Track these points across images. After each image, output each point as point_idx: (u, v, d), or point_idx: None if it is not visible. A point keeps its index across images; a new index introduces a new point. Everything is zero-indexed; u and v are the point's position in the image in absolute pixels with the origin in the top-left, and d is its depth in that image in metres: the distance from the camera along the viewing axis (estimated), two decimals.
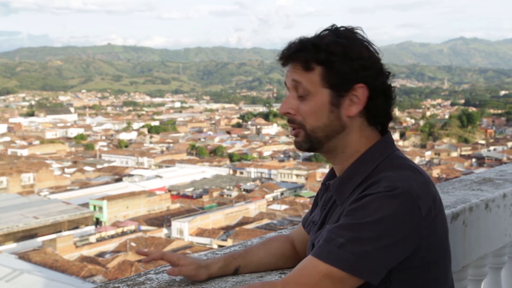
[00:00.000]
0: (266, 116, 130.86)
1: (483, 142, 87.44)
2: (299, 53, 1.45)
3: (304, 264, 1.36)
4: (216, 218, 43.07)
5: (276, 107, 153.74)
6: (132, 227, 42.79)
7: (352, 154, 1.48)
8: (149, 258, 1.65)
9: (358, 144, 1.48)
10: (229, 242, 35.66)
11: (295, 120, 1.47)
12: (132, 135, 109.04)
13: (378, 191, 1.34)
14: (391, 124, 1.54)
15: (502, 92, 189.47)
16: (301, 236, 1.76)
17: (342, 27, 1.48)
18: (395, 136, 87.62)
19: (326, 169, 60.05)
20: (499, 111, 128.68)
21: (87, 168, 70.22)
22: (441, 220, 1.44)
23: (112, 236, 40.46)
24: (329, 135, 1.46)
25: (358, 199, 1.37)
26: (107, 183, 59.16)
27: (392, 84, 1.49)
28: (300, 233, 1.76)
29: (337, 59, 1.42)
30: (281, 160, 76.01)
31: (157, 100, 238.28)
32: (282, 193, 55.50)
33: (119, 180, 61.37)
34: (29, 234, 39.49)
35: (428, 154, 78.11)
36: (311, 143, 1.48)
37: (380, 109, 1.47)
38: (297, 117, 1.47)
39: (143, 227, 42.50)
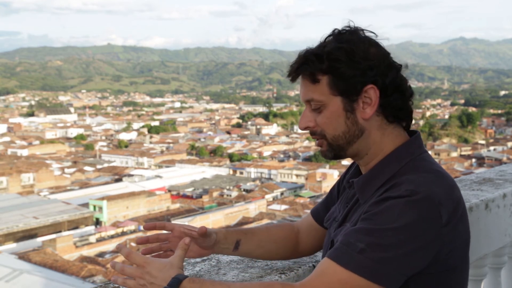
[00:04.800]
0: (266, 116, 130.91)
1: (483, 142, 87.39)
2: (304, 67, 1.44)
3: (323, 268, 1.33)
4: (216, 218, 43.08)
5: (276, 107, 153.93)
6: (132, 227, 42.79)
7: (376, 154, 1.47)
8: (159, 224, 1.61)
9: (381, 144, 1.47)
10: None
11: (316, 132, 1.48)
12: (132, 135, 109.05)
13: (399, 194, 1.32)
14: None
15: (502, 92, 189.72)
16: (308, 225, 1.76)
17: (343, 29, 1.46)
18: None
19: (326, 169, 60.03)
20: (499, 111, 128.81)
21: (87, 168, 70.21)
22: (463, 226, 1.41)
23: (112, 236, 40.45)
24: (350, 141, 1.46)
25: (379, 202, 1.34)
26: (107, 183, 59.13)
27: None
28: (308, 221, 1.76)
29: (342, 65, 1.41)
30: (281, 160, 75.99)
31: (157, 100, 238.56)
32: (282, 193, 55.47)
33: (119, 180, 61.36)
34: (29, 234, 39.47)
35: None
36: (334, 151, 1.48)
37: (395, 105, 1.44)
38: (317, 129, 1.47)
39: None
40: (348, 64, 1.40)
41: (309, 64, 1.43)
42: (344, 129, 1.45)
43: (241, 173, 67.31)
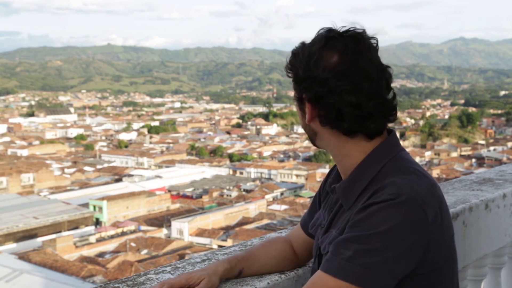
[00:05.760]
0: (266, 116, 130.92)
1: (483, 142, 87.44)
2: (288, 61, 1.49)
3: (314, 280, 1.34)
4: (216, 218, 43.07)
5: (276, 107, 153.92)
6: (132, 227, 42.79)
7: (342, 156, 1.47)
8: None
9: (342, 149, 1.46)
10: (229, 243, 35.66)
11: None
12: (132, 135, 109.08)
13: (383, 199, 1.32)
14: (391, 125, 1.50)
15: (502, 92, 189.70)
16: (299, 239, 1.75)
17: (328, 31, 1.44)
18: None
19: (325, 169, 60.04)
20: (499, 111, 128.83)
21: (87, 168, 70.23)
22: (447, 224, 1.41)
23: (112, 236, 40.46)
24: (311, 137, 1.51)
25: (364, 209, 1.34)
26: (107, 183, 59.15)
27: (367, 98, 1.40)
28: (299, 235, 1.75)
29: (294, 69, 1.45)
30: (281, 160, 76.01)
31: (157, 100, 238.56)
32: (282, 193, 55.49)
33: (119, 180, 61.37)
34: (29, 234, 39.49)
35: (428, 154, 78.14)
36: (310, 140, 1.55)
37: (328, 120, 1.42)
38: None
39: (143, 227, 42.50)
40: (297, 70, 1.44)
41: (290, 60, 1.48)
42: (303, 125, 1.51)
43: (241, 173, 67.31)
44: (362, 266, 1.27)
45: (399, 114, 1.62)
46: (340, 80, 1.38)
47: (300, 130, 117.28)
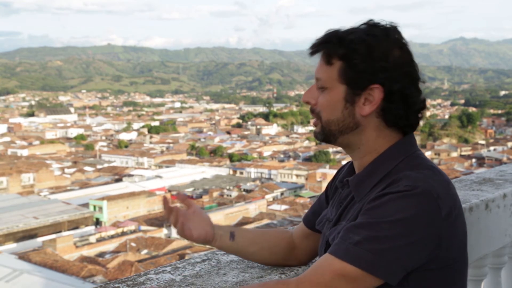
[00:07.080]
0: (266, 116, 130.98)
1: (483, 142, 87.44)
2: (323, 45, 1.45)
3: (320, 262, 1.35)
4: (216, 219, 43.01)
5: (276, 107, 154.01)
6: (132, 227, 42.77)
7: (368, 152, 1.47)
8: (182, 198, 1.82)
9: (375, 143, 1.46)
10: None
11: (314, 110, 1.49)
12: (132, 135, 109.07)
13: (398, 190, 1.32)
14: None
15: (502, 93, 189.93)
16: (301, 233, 1.75)
17: (379, 23, 1.44)
18: None
19: (325, 169, 60.03)
20: (499, 111, 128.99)
21: (87, 168, 70.21)
22: (461, 222, 1.41)
23: (112, 236, 40.43)
24: (343, 130, 1.46)
25: (377, 198, 1.35)
26: (107, 183, 59.13)
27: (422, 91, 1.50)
28: (301, 229, 1.76)
29: (358, 57, 1.40)
30: (281, 160, 75.98)
31: (157, 100, 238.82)
32: (282, 193, 55.47)
33: (119, 180, 61.35)
34: (29, 234, 39.47)
35: (428, 154, 77.99)
36: (325, 135, 1.48)
37: (396, 112, 1.43)
38: (316, 108, 1.48)
39: (143, 227, 42.49)
40: (364, 59, 1.40)
41: (329, 45, 1.43)
42: (339, 117, 1.45)
43: (241, 173, 67.29)
44: (370, 251, 1.28)
45: None
46: (405, 74, 1.42)
47: (300, 130, 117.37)
